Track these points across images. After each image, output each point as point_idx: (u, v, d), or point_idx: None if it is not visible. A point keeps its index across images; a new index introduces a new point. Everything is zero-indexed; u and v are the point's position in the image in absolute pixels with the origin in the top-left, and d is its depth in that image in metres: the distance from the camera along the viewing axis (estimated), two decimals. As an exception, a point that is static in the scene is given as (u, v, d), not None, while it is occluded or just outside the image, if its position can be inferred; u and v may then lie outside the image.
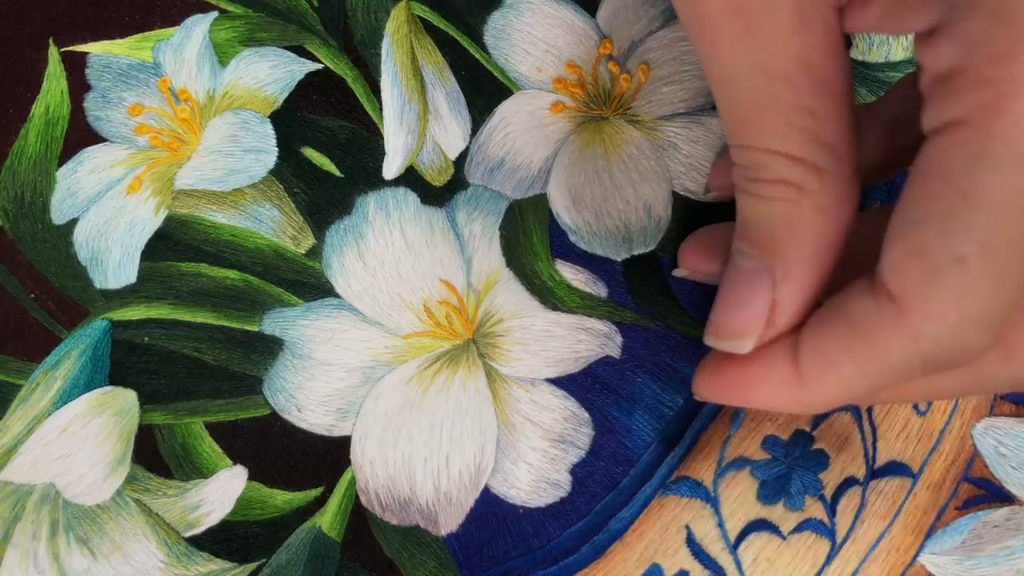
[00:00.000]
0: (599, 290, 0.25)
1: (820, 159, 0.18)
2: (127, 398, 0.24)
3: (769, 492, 0.24)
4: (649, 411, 0.24)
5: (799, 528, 0.24)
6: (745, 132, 0.18)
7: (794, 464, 0.24)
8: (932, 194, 0.16)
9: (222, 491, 0.24)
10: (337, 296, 0.25)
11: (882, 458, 0.24)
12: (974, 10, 0.15)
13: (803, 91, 0.17)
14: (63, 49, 0.27)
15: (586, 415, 0.24)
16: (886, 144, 0.22)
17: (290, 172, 0.26)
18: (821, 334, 0.18)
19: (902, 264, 0.16)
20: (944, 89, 0.15)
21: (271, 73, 0.27)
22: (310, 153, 0.26)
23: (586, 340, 0.25)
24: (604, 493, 0.24)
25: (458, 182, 0.26)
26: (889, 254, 0.16)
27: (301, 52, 0.27)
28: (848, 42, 0.27)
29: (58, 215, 0.26)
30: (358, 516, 0.24)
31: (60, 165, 0.26)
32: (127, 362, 0.25)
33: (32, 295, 0.25)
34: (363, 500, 0.24)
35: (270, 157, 0.26)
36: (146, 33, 0.27)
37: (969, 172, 0.15)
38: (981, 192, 0.15)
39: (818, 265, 0.19)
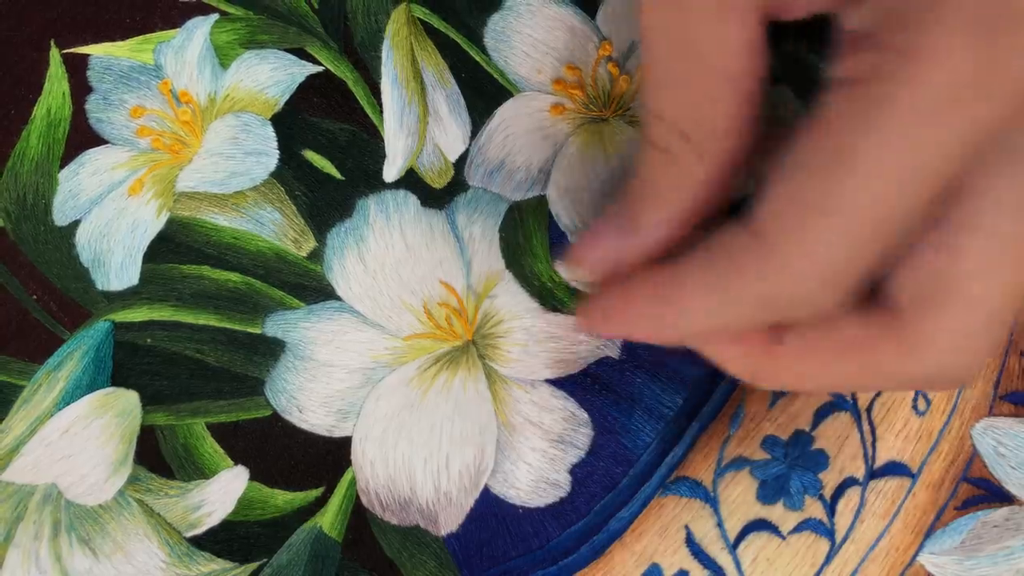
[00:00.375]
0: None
1: (703, 140, 0.18)
2: (129, 399, 0.24)
3: (769, 492, 0.24)
4: (649, 411, 0.24)
5: (799, 528, 0.24)
6: (651, 90, 0.19)
7: (794, 464, 0.24)
8: (814, 145, 0.16)
9: (223, 491, 0.24)
10: (338, 298, 0.25)
11: (881, 458, 0.24)
12: None
13: (709, 75, 0.18)
14: (64, 51, 0.27)
15: (585, 415, 0.24)
16: None
17: (291, 175, 0.26)
18: (691, 259, 0.19)
19: (776, 206, 0.17)
20: (851, 48, 0.16)
21: (272, 75, 0.27)
22: (311, 156, 0.26)
23: (586, 341, 0.25)
24: (604, 493, 0.24)
25: (458, 184, 0.26)
26: (767, 194, 0.17)
27: (302, 54, 0.27)
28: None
29: (60, 217, 0.26)
30: (358, 516, 0.24)
31: (62, 167, 0.26)
32: (129, 363, 0.25)
33: (34, 296, 0.25)
34: (363, 500, 0.24)
35: (271, 160, 0.26)
36: (147, 35, 0.27)
37: (849, 129, 0.16)
38: (856, 150, 0.15)
39: (661, 230, 0.20)
